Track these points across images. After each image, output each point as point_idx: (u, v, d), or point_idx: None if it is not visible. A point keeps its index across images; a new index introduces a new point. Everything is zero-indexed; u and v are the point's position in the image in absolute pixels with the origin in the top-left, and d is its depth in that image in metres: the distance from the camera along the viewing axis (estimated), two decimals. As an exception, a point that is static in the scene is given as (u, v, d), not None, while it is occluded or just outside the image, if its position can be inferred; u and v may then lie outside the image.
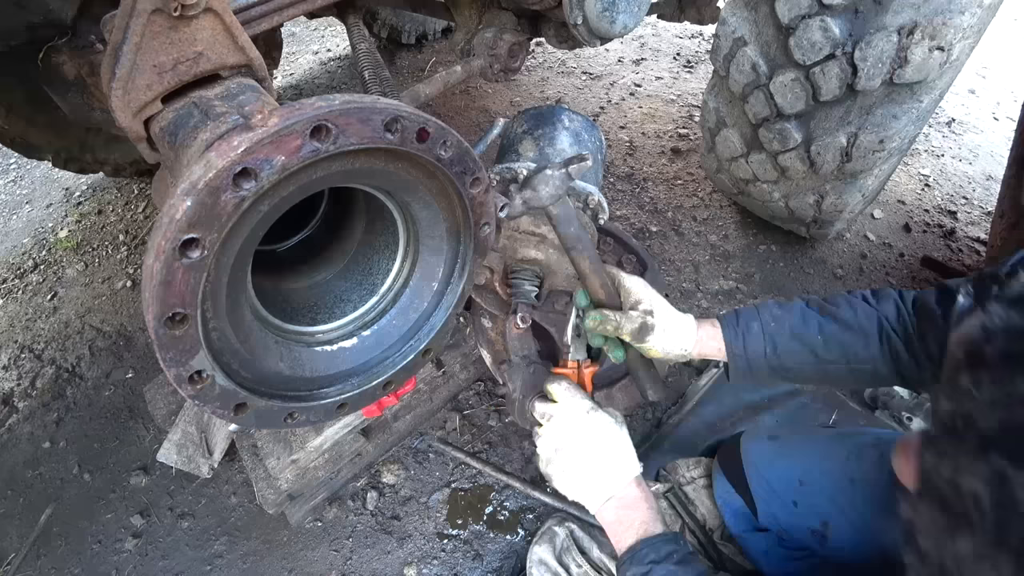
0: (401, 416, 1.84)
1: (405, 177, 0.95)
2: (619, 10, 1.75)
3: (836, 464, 1.28)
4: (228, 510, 1.80)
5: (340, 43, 4.16)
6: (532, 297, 1.44)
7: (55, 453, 1.99)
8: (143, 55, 0.87)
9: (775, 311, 1.17)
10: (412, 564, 1.65)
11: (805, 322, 1.13)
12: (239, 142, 0.70)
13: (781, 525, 1.35)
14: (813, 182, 2.05)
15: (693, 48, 4.00)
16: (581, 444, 1.06)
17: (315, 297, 1.21)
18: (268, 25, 1.30)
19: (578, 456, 1.06)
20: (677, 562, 0.94)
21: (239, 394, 0.89)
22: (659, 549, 0.96)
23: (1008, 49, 4.18)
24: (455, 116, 3.37)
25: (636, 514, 1.01)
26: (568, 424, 1.08)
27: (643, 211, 2.72)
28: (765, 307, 1.19)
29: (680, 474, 1.65)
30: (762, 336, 1.15)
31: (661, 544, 0.96)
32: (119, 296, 2.49)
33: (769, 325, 1.15)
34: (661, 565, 0.94)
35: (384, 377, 1.15)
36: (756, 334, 1.15)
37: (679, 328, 1.18)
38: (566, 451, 1.06)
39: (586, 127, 1.68)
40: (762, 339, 1.14)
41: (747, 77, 1.92)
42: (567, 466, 1.06)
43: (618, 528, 1.02)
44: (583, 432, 1.07)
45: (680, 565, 0.93)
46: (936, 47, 1.58)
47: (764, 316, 1.17)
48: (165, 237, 0.69)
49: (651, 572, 0.93)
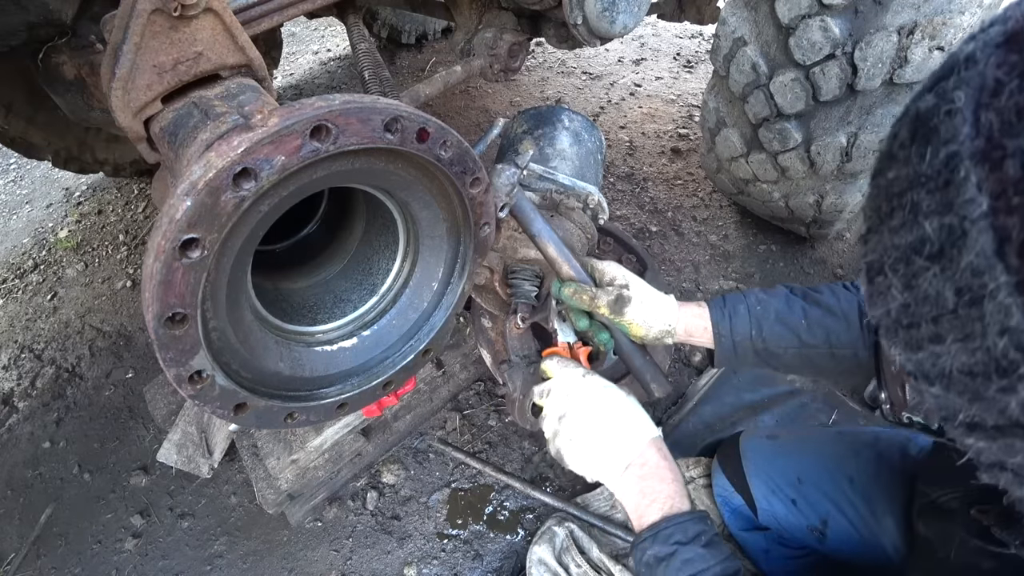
0: (401, 416, 1.84)
1: (405, 177, 0.95)
2: (619, 10, 1.75)
3: (835, 462, 1.29)
4: (228, 510, 1.80)
5: (340, 43, 4.16)
6: (532, 297, 1.44)
7: (55, 453, 1.99)
8: (143, 55, 0.88)
9: (760, 296, 1.17)
10: (412, 564, 1.66)
11: (790, 307, 1.13)
12: (239, 142, 0.70)
13: (780, 524, 1.35)
14: (813, 182, 2.05)
15: (693, 48, 4.00)
16: (585, 406, 1.00)
17: (315, 297, 1.21)
18: (268, 25, 1.30)
19: (585, 419, 0.99)
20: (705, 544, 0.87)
21: (239, 394, 0.89)
22: (686, 529, 0.88)
23: (1008, 49, 4.18)
24: (455, 116, 3.37)
25: (662, 486, 0.93)
26: (567, 390, 1.03)
27: (643, 211, 2.72)
28: (751, 292, 1.19)
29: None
30: (748, 318, 1.14)
31: (689, 524, 0.89)
32: (119, 296, 2.49)
33: (755, 308, 1.14)
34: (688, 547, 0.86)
35: (384, 377, 1.15)
36: (743, 316, 1.14)
37: (658, 302, 1.16)
38: (571, 416, 1.00)
39: (586, 127, 1.68)
40: (748, 321, 1.13)
41: (747, 77, 1.92)
42: (575, 434, 0.98)
43: (641, 502, 0.93)
44: (584, 394, 1.01)
45: (708, 548, 0.86)
46: (936, 47, 1.58)
47: (750, 299, 1.16)
48: (165, 237, 0.69)
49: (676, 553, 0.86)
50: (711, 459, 1.63)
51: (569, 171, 1.58)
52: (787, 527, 1.34)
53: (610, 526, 1.54)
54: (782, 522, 1.34)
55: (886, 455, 1.25)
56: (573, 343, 1.25)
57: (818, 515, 1.27)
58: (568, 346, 1.24)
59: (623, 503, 0.96)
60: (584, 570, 1.44)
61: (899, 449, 1.25)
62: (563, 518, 1.58)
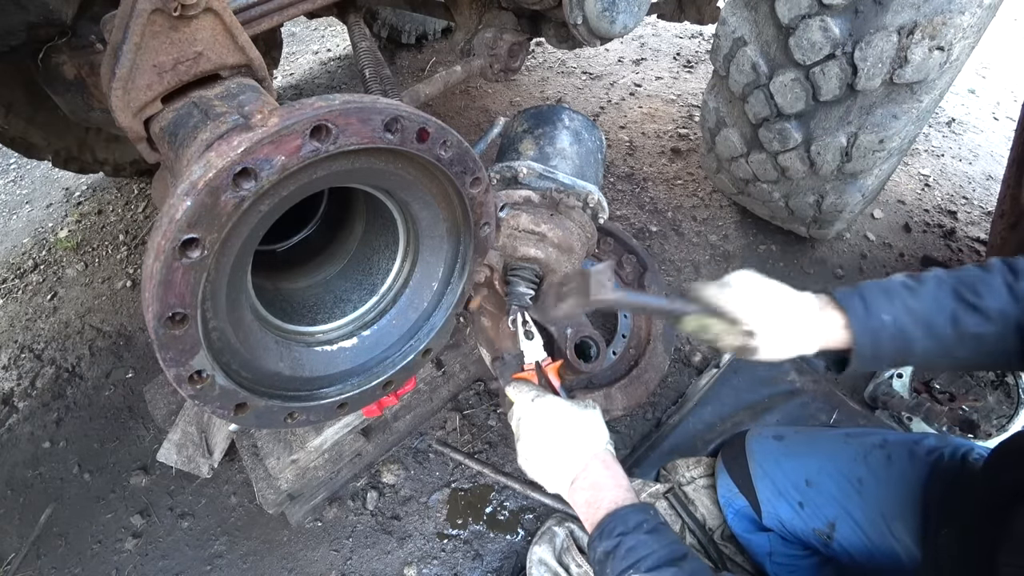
0: (401, 416, 1.84)
1: (405, 177, 0.95)
2: (619, 10, 1.75)
3: (843, 465, 1.28)
4: (228, 510, 1.80)
5: (340, 43, 4.16)
6: (527, 300, 1.45)
7: (55, 453, 1.99)
8: (143, 55, 0.87)
9: (909, 301, 1.00)
10: (412, 564, 1.65)
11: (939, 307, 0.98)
12: (239, 142, 0.70)
13: (785, 526, 1.34)
14: (813, 182, 2.05)
15: (693, 48, 4.00)
16: (534, 428, 1.09)
17: (315, 297, 1.21)
18: (268, 25, 1.30)
19: (533, 440, 1.08)
20: (647, 531, 0.89)
21: (239, 394, 0.89)
22: (627, 520, 0.91)
23: (1008, 49, 4.18)
24: (455, 116, 3.37)
25: (605, 493, 0.98)
26: (519, 413, 1.12)
27: (643, 211, 2.72)
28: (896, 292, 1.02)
29: (680, 474, 1.65)
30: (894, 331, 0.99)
31: (630, 514, 0.92)
32: (119, 296, 2.49)
33: (902, 319, 0.99)
34: (630, 535, 0.89)
35: (384, 377, 1.15)
36: (888, 329, 0.99)
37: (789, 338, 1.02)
38: (523, 438, 1.09)
39: (586, 126, 1.68)
40: (894, 335, 0.99)
41: (747, 77, 1.92)
42: (528, 453, 1.08)
43: (588, 511, 0.97)
44: (532, 417, 1.10)
45: (651, 535, 0.89)
46: (936, 47, 1.58)
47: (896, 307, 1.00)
48: (165, 237, 0.69)
49: (620, 544, 0.89)
50: (713, 458, 1.63)
51: (569, 170, 1.58)
52: (792, 529, 1.33)
53: (610, 526, 1.54)
54: (787, 524, 1.34)
55: (895, 457, 1.25)
56: (543, 360, 1.31)
57: (826, 518, 1.26)
58: (536, 365, 1.30)
59: (577, 513, 1.02)
60: (584, 570, 1.44)
61: (907, 451, 1.25)
62: (563, 518, 1.58)
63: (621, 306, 1.22)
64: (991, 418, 1.79)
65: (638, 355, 2.01)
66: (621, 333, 2.07)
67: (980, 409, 1.80)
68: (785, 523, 1.34)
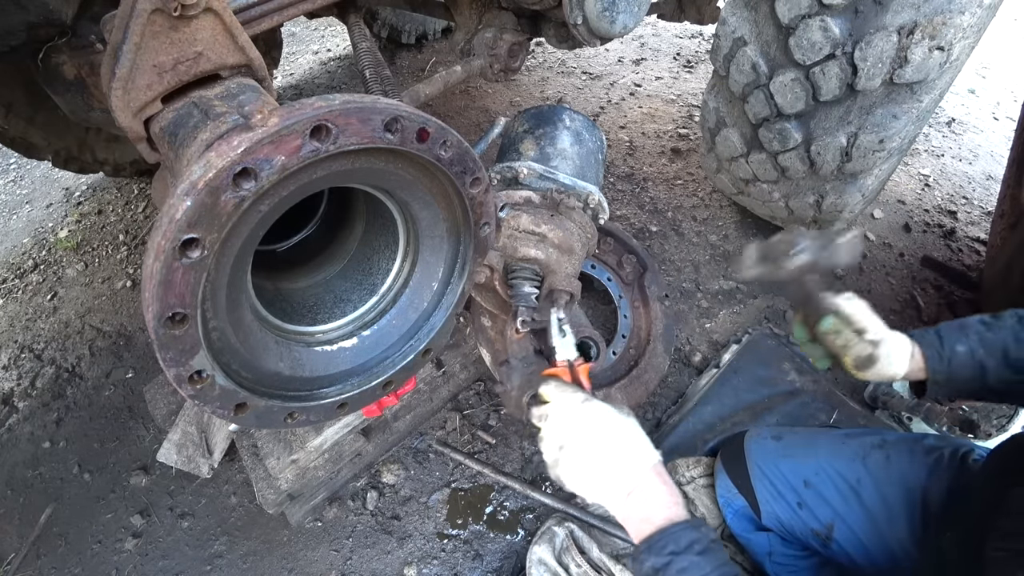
0: (401, 416, 1.84)
1: (405, 177, 0.95)
2: (619, 10, 1.75)
3: (842, 465, 1.28)
4: (228, 510, 1.80)
5: (340, 43, 4.16)
6: (532, 300, 1.44)
7: (55, 453, 1.99)
8: (143, 55, 0.87)
9: (985, 335, 1.12)
10: (412, 564, 1.65)
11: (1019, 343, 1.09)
12: (239, 142, 0.70)
13: (784, 526, 1.34)
14: (813, 182, 2.05)
15: (693, 48, 4.00)
16: (585, 435, 0.98)
17: (315, 297, 1.21)
18: (268, 25, 1.30)
19: (585, 449, 0.97)
20: (699, 552, 0.87)
21: (239, 394, 0.89)
22: (679, 539, 0.89)
23: (1008, 49, 4.18)
24: (455, 116, 3.37)
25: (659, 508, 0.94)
26: (566, 418, 1.01)
27: (643, 211, 2.72)
28: (972, 327, 1.14)
29: (680, 474, 1.65)
30: (971, 360, 1.11)
31: (682, 533, 0.89)
32: (119, 296, 2.49)
33: (979, 351, 1.11)
34: (682, 556, 0.87)
35: (384, 377, 1.15)
36: (963, 358, 1.12)
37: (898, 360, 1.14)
38: (571, 447, 0.98)
39: (587, 126, 1.68)
40: (971, 364, 1.11)
41: (747, 77, 1.92)
42: (575, 463, 0.97)
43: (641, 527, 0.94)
44: (584, 422, 1.00)
45: (702, 555, 0.87)
46: (936, 47, 1.58)
47: (972, 339, 1.12)
48: (165, 237, 0.69)
49: (671, 564, 0.87)
50: (712, 458, 1.63)
51: (570, 171, 1.58)
52: (791, 529, 1.33)
53: (610, 526, 1.54)
54: (786, 524, 1.33)
55: (894, 458, 1.25)
56: (574, 360, 1.21)
57: (824, 518, 1.26)
58: (568, 364, 1.21)
59: (626, 527, 0.97)
60: (584, 570, 1.44)
61: (907, 451, 1.25)
62: (563, 518, 1.58)
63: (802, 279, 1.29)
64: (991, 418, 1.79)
65: (638, 355, 2.01)
66: (621, 333, 2.07)
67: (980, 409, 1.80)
68: (784, 523, 1.34)
